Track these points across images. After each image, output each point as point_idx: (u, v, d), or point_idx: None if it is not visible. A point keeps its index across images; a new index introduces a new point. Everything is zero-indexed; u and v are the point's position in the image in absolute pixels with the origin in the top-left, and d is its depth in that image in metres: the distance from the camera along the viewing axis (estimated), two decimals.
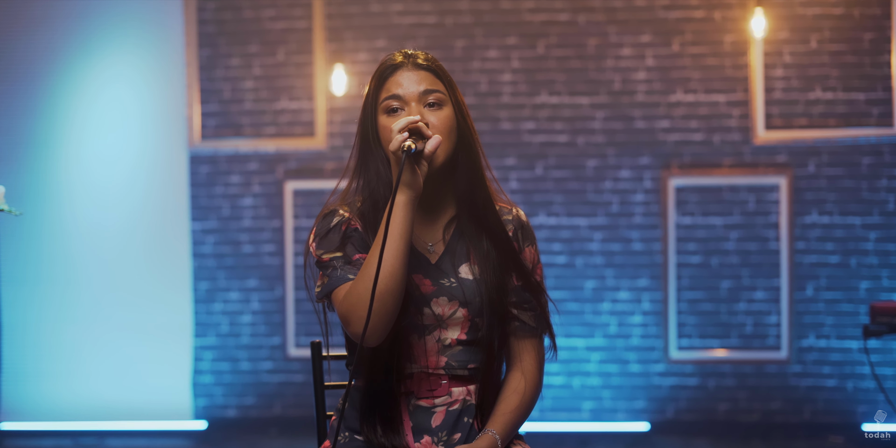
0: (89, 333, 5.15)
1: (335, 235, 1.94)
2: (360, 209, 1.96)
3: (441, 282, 1.96)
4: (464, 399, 1.97)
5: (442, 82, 1.96)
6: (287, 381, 5.11)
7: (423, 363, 1.95)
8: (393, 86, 1.93)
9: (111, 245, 5.16)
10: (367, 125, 1.97)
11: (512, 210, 2.06)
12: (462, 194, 1.97)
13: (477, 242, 1.98)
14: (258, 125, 5.14)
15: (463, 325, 1.96)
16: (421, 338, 1.95)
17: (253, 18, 5.13)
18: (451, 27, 5.08)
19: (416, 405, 1.96)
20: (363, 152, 1.98)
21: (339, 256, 1.93)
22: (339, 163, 5.10)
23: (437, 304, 1.95)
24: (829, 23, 4.92)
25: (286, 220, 5.12)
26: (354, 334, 1.84)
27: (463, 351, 1.97)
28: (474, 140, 1.99)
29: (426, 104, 1.93)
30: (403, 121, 1.82)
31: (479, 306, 1.95)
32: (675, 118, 5.01)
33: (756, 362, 4.96)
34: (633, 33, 5.01)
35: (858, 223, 4.92)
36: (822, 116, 4.94)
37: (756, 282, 4.96)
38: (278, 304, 5.12)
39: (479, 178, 1.98)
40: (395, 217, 1.83)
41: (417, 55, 1.97)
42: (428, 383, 1.96)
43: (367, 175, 1.96)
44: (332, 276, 1.91)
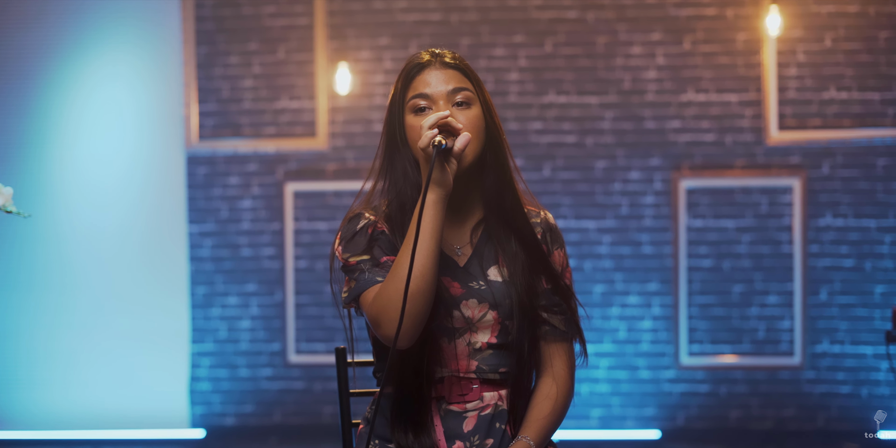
0: (83, 340, 5.13)
1: (362, 238, 1.94)
2: (387, 211, 1.96)
3: (470, 284, 1.97)
4: (495, 404, 1.97)
5: (470, 81, 1.96)
6: (287, 388, 5.10)
7: (454, 367, 1.95)
8: (420, 84, 1.94)
9: (106, 248, 5.14)
10: (394, 125, 1.97)
11: (540, 213, 2.07)
12: (490, 196, 1.98)
13: (505, 245, 1.99)
14: (258, 125, 5.13)
15: (493, 328, 1.97)
16: (451, 341, 1.95)
17: (252, 15, 5.12)
18: (457, 25, 5.08)
19: (448, 410, 1.97)
20: (390, 153, 1.98)
21: (367, 259, 1.93)
22: (341, 164, 5.09)
23: (466, 306, 1.96)
24: (843, 21, 4.92)
25: (286, 223, 5.11)
26: (385, 337, 1.85)
27: (493, 354, 1.97)
28: (502, 141, 1.99)
29: (454, 103, 1.93)
30: (433, 117, 1.83)
31: (510, 309, 1.96)
32: (686, 118, 5.00)
33: (769, 368, 4.95)
34: (644, 31, 5.00)
35: (874, 226, 4.92)
36: (837, 117, 4.93)
37: (769, 286, 4.96)
38: (278, 309, 5.11)
39: (508, 179, 1.98)
40: (425, 216, 1.84)
41: (444, 54, 1.97)
42: (459, 388, 1.96)
43: (394, 176, 1.97)
44: (359, 280, 1.92)
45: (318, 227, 5.10)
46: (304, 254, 5.11)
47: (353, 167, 5.09)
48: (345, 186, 5.09)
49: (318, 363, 5.09)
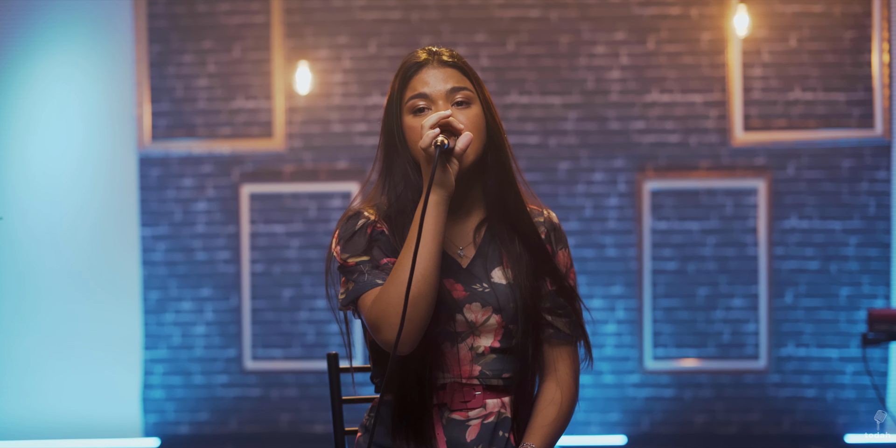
0: (30, 347, 5.05)
1: (360, 238, 1.92)
2: (387, 212, 1.95)
3: (473, 287, 1.95)
4: (498, 411, 1.95)
5: (469, 80, 1.95)
6: (243, 395, 5.05)
7: (457, 373, 1.93)
8: (419, 84, 1.93)
9: (54, 252, 5.07)
10: (392, 126, 1.95)
11: (543, 212, 2.05)
12: (492, 196, 1.96)
13: (509, 246, 1.97)
14: (212, 125, 5.07)
15: (496, 332, 1.94)
16: (453, 346, 1.93)
17: (207, 13, 5.06)
18: (417, 23, 5.04)
19: (450, 418, 1.94)
20: (388, 154, 1.97)
21: (366, 260, 1.91)
22: (299, 165, 5.04)
23: (469, 310, 1.93)
24: (809, 21, 4.94)
25: (242, 226, 5.06)
26: (385, 342, 1.82)
27: (497, 359, 1.95)
28: (504, 140, 1.98)
29: (454, 103, 1.92)
30: (434, 116, 1.82)
31: (514, 312, 1.94)
32: (650, 119, 5.00)
33: (734, 372, 4.96)
34: (607, 30, 5.00)
35: (839, 228, 4.94)
36: (802, 117, 4.96)
37: (734, 289, 4.96)
38: (234, 315, 5.05)
39: (510, 179, 1.97)
40: (427, 217, 1.83)
41: (442, 52, 1.97)
42: (461, 394, 1.94)
43: (393, 178, 1.96)
44: (358, 282, 1.89)
45: (274, 230, 5.05)
46: (261, 257, 5.06)
47: (310, 169, 5.05)
48: (302, 188, 5.05)
49: (275, 370, 5.04)
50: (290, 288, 5.05)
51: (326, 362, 2.21)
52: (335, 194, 5.05)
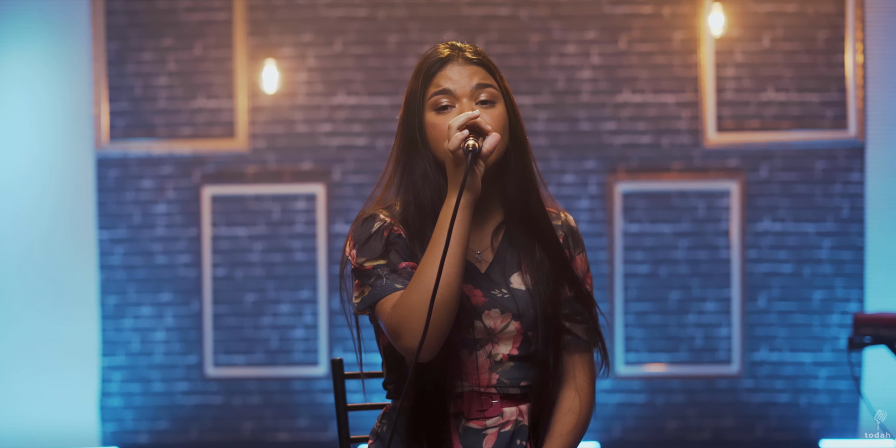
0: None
1: (377, 242, 1.90)
2: (403, 214, 1.93)
3: (492, 293, 1.93)
4: (516, 420, 1.93)
5: (493, 77, 1.93)
6: (204, 403, 5.00)
7: (475, 381, 1.91)
8: (442, 80, 1.90)
9: (9, 255, 5.00)
10: (413, 123, 1.92)
11: (560, 215, 2.03)
12: (512, 199, 1.94)
13: (528, 250, 1.95)
14: (173, 125, 5.02)
15: (515, 339, 1.93)
16: (471, 353, 1.91)
17: (167, 9, 5.01)
18: (384, 21, 5.01)
19: (467, 427, 1.92)
20: (407, 153, 1.94)
21: (384, 264, 1.88)
22: (262, 166, 5.00)
23: (488, 316, 1.91)
24: (782, 20, 4.94)
25: (203, 229, 5.01)
26: (406, 348, 1.80)
27: (515, 367, 1.93)
28: (526, 140, 1.95)
29: (478, 101, 1.90)
30: (462, 117, 1.80)
31: (533, 319, 1.92)
32: (621, 120, 4.99)
33: (706, 377, 4.96)
34: (578, 29, 4.98)
35: (812, 230, 4.95)
36: (775, 118, 4.96)
37: (706, 292, 4.96)
38: (194, 320, 5.00)
39: (531, 181, 1.94)
40: (459, 220, 1.80)
41: (465, 48, 1.94)
42: (479, 403, 1.92)
43: (412, 177, 1.93)
44: (376, 286, 1.87)
45: (237, 233, 5.01)
46: (223, 261, 5.01)
47: (274, 170, 5.01)
48: (266, 190, 5.01)
49: (237, 376, 5.00)
50: (252, 292, 5.00)
51: (330, 368, 2.20)
52: (299, 196, 5.02)
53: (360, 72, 5.00)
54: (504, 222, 1.97)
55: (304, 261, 5.00)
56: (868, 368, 4.83)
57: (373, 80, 5.00)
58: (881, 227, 4.93)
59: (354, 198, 5.00)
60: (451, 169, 1.81)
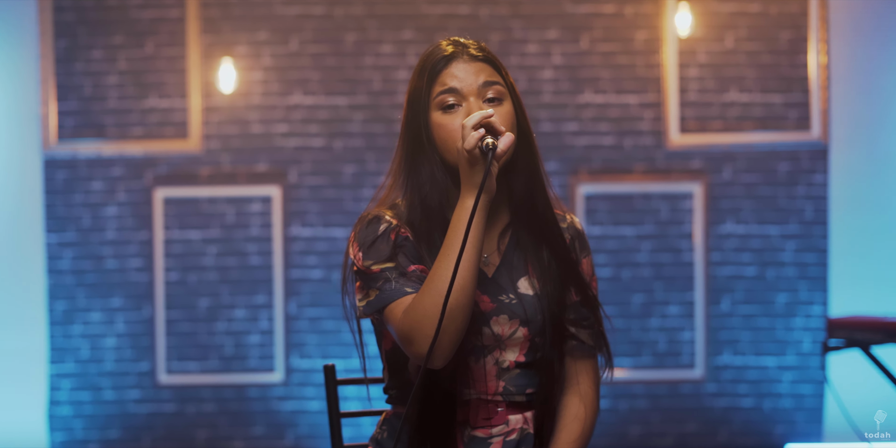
0: None
1: (384, 244, 1.88)
2: (409, 216, 1.91)
3: (500, 298, 1.92)
4: (521, 428, 1.93)
5: (500, 74, 1.91)
6: (157, 411, 4.94)
7: (482, 388, 1.90)
8: (448, 78, 1.88)
9: None
10: (418, 123, 1.91)
11: (566, 217, 2.02)
12: (520, 200, 1.92)
13: (535, 253, 1.93)
14: (123, 125, 4.96)
15: (522, 345, 1.92)
16: (478, 360, 1.90)
17: (118, 6, 4.94)
18: (341, 19, 4.97)
19: (472, 436, 1.91)
20: (412, 154, 1.92)
21: (391, 267, 1.86)
22: (216, 168, 4.96)
23: (496, 322, 1.90)
24: (745, 20, 4.95)
25: (155, 232, 4.95)
26: (418, 355, 1.79)
27: (521, 374, 1.92)
28: (533, 139, 1.94)
29: (485, 99, 1.88)
30: (476, 115, 1.78)
31: (541, 325, 1.91)
32: (583, 120, 4.98)
33: (669, 382, 4.95)
34: (539, 28, 4.96)
35: (776, 233, 4.96)
36: (738, 119, 4.97)
37: (669, 296, 4.96)
38: (146, 326, 4.94)
39: (539, 182, 1.93)
40: (473, 223, 1.79)
41: (470, 44, 1.92)
42: (485, 411, 1.91)
43: (418, 179, 1.91)
44: (384, 290, 1.85)
45: (190, 237, 4.96)
46: (176, 265, 4.95)
47: (229, 171, 4.96)
48: (220, 192, 4.96)
49: (190, 384, 4.94)
50: (206, 297, 4.95)
51: (323, 374, 2.19)
52: (254, 198, 4.98)
53: (316, 71, 4.97)
54: (510, 224, 1.95)
55: (260, 265, 4.96)
56: (834, 372, 4.84)
57: (330, 80, 4.96)
58: (845, 229, 4.95)
59: (311, 200, 4.97)
60: (465, 169, 1.79)
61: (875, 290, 4.91)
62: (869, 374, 4.46)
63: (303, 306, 4.96)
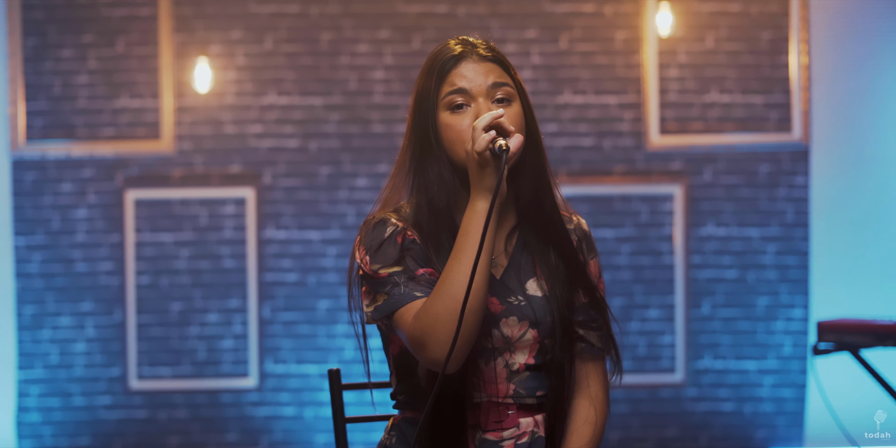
0: None
1: (391, 248, 1.88)
2: (415, 218, 1.91)
3: (509, 300, 1.92)
4: (532, 431, 1.93)
5: (509, 74, 1.92)
6: (128, 417, 4.90)
7: (492, 391, 1.91)
8: (457, 78, 1.89)
9: None
10: (426, 124, 1.91)
11: (572, 218, 2.03)
12: (526, 202, 1.92)
13: (543, 255, 1.94)
14: (94, 126, 4.93)
15: (532, 347, 1.93)
16: (489, 363, 1.91)
17: (88, 4, 4.91)
18: (317, 18, 4.94)
19: (483, 439, 1.92)
20: (420, 155, 1.92)
21: (399, 271, 1.86)
22: (189, 169, 4.92)
23: (506, 324, 1.91)
24: (726, 20, 4.95)
25: (127, 235, 4.92)
26: (431, 359, 1.79)
27: (531, 377, 1.93)
28: (541, 140, 1.95)
29: (494, 99, 1.89)
30: (487, 117, 1.79)
31: (551, 326, 1.92)
32: (563, 121, 4.96)
33: (650, 386, 4.94)
34: (518, 28, 4.94)
35: (756, 235, 4.95)
36: (719, 120, 4.96)
37: (649, 299, 4.95)
38: (117, 331, 4.90)
39: (546, 183, 1.93)
40: (478, 226, 1.80)
41: (478, 44, 1.93)
42: (496, 414, 1.92)
43: (425, 180, 1.91)
44: (393, 294, 1.85)
45: (162, 239, 4.92)
46: (147, 269, 4.92)
47: (201, 173, 4.93)
48: (193, 194, 4.93)
49: (162, 389, 4.91)
50: (178, 301, 4.92)
51: (328, 379, 2.21)
52: (228, 200, 4.95)
53: (291, 71, 4.94)
54: (518, 226, 1.96)
55: (233, 268, 4.93)
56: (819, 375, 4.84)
57: (305, 80, 4.94)
58: (826, 231, 4.95)
59: (286, 202, 4.94)
60: (474, 171, 1.79)
61: (856, 293, 4.91)
62: (854, 377, 4.45)
63: (277, 310, 4.92)
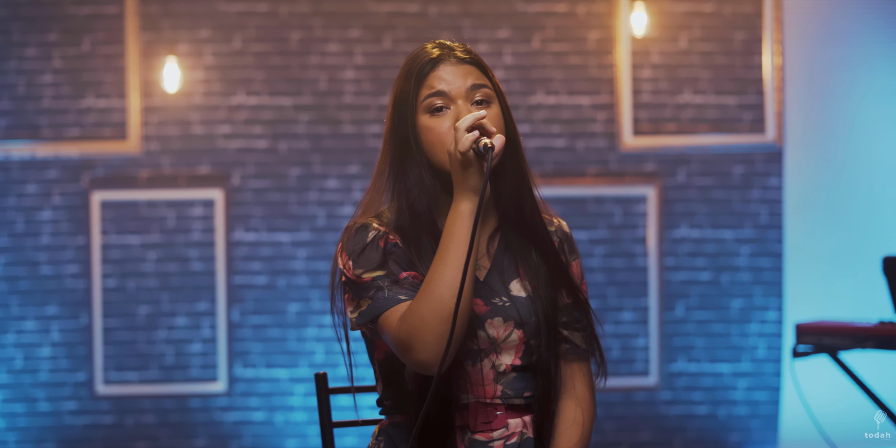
0: None
1: (373, 252, 1.90)
2: (397, 222, 1.93)
3: (493, 301, 1.94)
4: (521, 432, 1.95)
5: (487, 76, 1.95)
6: (95, 423, 4.86)
7: (480, 392, 1.93)
8: (435, 81, 1.92)
9: None
10: (405, 127, 1.93)
11: (553, 220, 2.06)
12: (507, 203, 1.95)
13: (525, 256, 1.96)
14: (59, 126, 4.88)
15: (517, 348, 1.94)
16: (475, 364, 1.93)
17: (53, 2, 4.87)
18: (286, 17, 4.91)
19: (473, 439, 1.94)
20: (399, 158, 1.94)
21: (383, 275, 1.88)
22: (156, 170, 4.88)
23: (491, 325, 1.93)
24: (699, 21, 4.94)
25: (93, 237, 4.88)
26: (418, 362, 1.81)
27: (517, 378, 1.95)
28: (519, 141, 1.97)
29: (474, 101, 1.92)
30: (470, 117, 1.81)
31: (536, 327, 1.94)
32: (535, 122, 4.94)
33: (623, 390, 4.93)
34: (490, 28, 4.92)
35: (730, 237, 4.95)
36: (692, 121, 4.96)
37: (623, 302, 4.93)
38: (83, 335, 4.86)
39: (527, 184, 1.97)
40: (462, 227, 1.82)
41: (455, 47, 1.96)
42: (484, 415, 1.94)
43: (406, 183, 1.93)
44: (377, 298, 1.86)
45: (129, 242, 4.88)
46: (114, 271, 4.88)
47: (169, 174, 4.89)
48: (160, 195, 4.89)
49: (129, 394, 4.86)
50: (146, 305, 4.88)
51: (315, 384, 2.21)
52: (196, 202, 4.91)
53: (260, 70, 4.91)
54: (499, 227, 1.98)
55: (202, 271, 4.89)
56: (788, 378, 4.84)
57: (274, 80, 4.90)
58: (799, 233, 4.95)
59: (255, 204, 4.90)
60: (458, 172, 1.81)
61: (831, 295, 4.91)
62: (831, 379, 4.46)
63: (246, 313, 4.88)
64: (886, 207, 4.97)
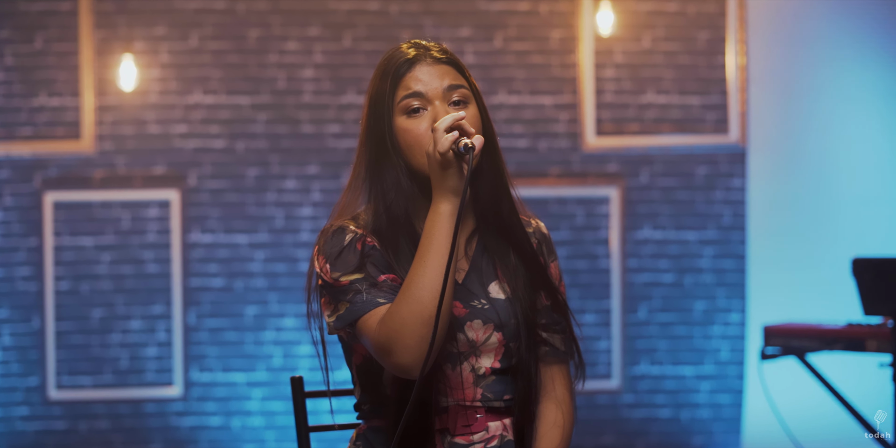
0: None
1: (351, 255, 1.88)
2: (374, 225, 1.91)
3: (472, 303, 1.93)
4: (501, 435, 1.94)
5: (463, 76, 1.94)
6: (47, 428, 4.80)
7: (459, 396, 1.93)
8: (412, 82, 1.90)
9: None
10: (382, 129, 1.91)
11: (531, 222, 2.05)
12: (485, 204, 1.94)
13: (504, 257, 1.96)
14: (10, 125, 4.82)
15: (497, 351, 1.94)
16: (455, 367, 1.92)
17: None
18: (244, 14, 4.86)
19: (453, 443, 1.93)
20: (376, 160, 1.92)
21: (361, 278, 1.87)
22: (110, 170, 4.83)
23: (470, 328, 1.92)
24: (663, 20, 4.93)
25: (45, 239, 4.82)
26: (398, 365, 1.80)
27: (497, 381, 1.94)
28: (496, 142, 1.95)
29: (451, 102, 1.90)
30: (449, 118, 1.80)
31: (515, 329, 1.93)
32: (497, 122, 4.90)
33: (586, 393, 4.90)
34: (452, 26, 4.89)
35: (693, 239, 4.94)
36: (656, 122, 4.94)
37: (585, 304, 4.92)
38: (35, 338, 4.80)
39: (504, 185, 1.95)
40: (443, 228, 1.81)
41: (431, 47, 1.95)
42: (464, 418, 1.93)
43: (383, 186, 1.91)
44: (355, 302, 1.85)
45: (83, 243, 4.82)
46: (67, 274, 4.81)
47: (124, 174, 4.83)
48: (115, 196, 4.84)
49: (83, 399, 4.81)
50: (100, 308, 4.82)
51: (290, 387, 2.20)
52: (151, 203, 4.85)
53: (217, 69, 4.85)
54: (477, 229, 1.97)
55: (157, 273, 4.83)
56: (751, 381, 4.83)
57: (232, 78, 4.85)
58: (763, 234, 4.95)
59: (212, 204, 4.84)
60: (437, 173, 1.79)
61: (794, 296, 4.91)
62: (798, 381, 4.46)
63: (203, 316, 4.82)
64: (850, 208, 4.97)
